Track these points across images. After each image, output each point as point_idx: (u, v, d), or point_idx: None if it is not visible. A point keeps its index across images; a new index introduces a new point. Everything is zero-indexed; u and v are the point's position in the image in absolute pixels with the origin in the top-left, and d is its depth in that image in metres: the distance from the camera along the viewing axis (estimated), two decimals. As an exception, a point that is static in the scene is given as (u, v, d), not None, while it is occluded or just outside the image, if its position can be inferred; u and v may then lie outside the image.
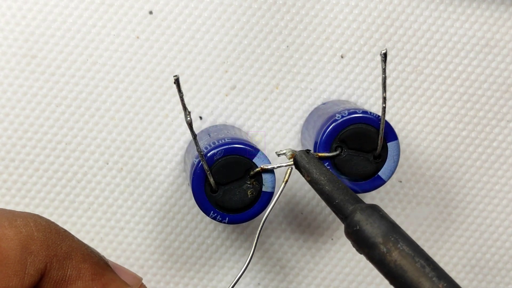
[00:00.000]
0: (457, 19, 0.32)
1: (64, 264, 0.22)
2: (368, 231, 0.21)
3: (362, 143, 0.28)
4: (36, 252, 0.22)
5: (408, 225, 0.34)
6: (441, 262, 0.34)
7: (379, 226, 0.21)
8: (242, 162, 0.27)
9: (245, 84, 0.32)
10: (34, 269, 0.22)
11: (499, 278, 0.34)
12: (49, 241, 0.22)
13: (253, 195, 0.27)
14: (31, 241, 0.22)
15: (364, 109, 0.28)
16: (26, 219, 0.22)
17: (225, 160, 0.26)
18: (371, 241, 0.21)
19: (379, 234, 0.21)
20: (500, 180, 0.34)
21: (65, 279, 0.22)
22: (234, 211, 0.27)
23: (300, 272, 0.34)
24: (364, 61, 0.32)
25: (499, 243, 0.34)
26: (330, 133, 0.27)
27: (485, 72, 0.33)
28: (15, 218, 0.22)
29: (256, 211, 0.27)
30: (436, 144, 0.33)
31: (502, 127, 0.33)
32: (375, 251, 0.20)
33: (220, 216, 0.27)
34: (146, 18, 0.32)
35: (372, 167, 0.28)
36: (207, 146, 0.27)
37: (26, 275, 0.21)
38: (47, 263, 0.22)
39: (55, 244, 0.22)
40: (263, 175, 0.27)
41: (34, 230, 0.22)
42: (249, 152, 0.27)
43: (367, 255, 0.21)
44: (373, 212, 0.21)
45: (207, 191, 0.26)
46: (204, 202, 0.27)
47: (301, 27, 0.32)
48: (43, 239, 0.22)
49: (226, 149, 0.26)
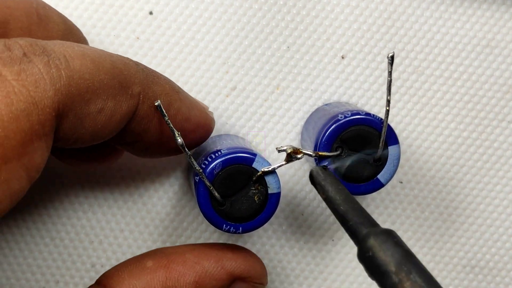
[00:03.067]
0: (458, 19, 0.32)
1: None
2: (381, 258, 0.20)
3: (363, 145, 0.27)
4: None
5: (409, 225, 0.34)
6: (441, 262, 0.34)
7: (393, 254, 0.20)
8: (242, 170, 0.26)
9: (245, 85, 0.32)
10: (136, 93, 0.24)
11: (499, 278, 0.34)
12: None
13: (260, 199, 0.27)
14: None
15: (366, 111, 0.28)
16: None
17: (225, 171, 0.26)
18: (383, 269, 0.20)
19: (392, 262, 0.20)
20: (501, 180, 0.34)
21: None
22: (246, 219, 0.27)
23: (301, 273, 0.34)
24: (365, 62, 0.32)
25: (499, 243, 0.34)
26: (331, 133, 0.27)
27: (486, 72, 0.33)
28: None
29: (267, 215, 0.27)
30: (437, 145, 0.33)
31: (503, 127, 0.33)
32: (387, 280, 0.20)
33: (233, 227, 0.27)
34: (147, 19, 0.31)
35: (372, 169, 0.28)
36: (205, 162, 0.27)
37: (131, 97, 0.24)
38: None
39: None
40: (266, 177, 0.27)
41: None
42: (247, 159, 0.26)
43: (379, 283, 0.20)
44: (387, 238, 0.21)
45: (215, 206, 0.26)
46: (214, 217, 0.26)
47: (302, 27, 0.32)
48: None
49: (224, 161, 0.26)
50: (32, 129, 0.20)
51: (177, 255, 0.27)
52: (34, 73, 0.20)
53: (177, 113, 0.26)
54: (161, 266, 0.26)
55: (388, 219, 0.34)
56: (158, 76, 0.25)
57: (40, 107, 0.20)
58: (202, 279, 0.26)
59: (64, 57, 0.21)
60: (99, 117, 0.22)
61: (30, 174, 0.20)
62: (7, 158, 0.19)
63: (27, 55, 0.20)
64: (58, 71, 0.21)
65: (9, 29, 0.24)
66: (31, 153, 0.20)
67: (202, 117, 0.27)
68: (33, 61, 0.20)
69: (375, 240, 0.21)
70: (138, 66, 0.24)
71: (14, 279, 0.32)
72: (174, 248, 0.28)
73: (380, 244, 0.21)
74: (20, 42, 0.21)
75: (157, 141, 0.26)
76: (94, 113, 0.22)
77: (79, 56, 0.22)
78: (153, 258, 0.27)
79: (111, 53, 0.24)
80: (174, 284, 0.26)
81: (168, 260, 0.27)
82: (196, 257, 0.27)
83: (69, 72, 0.21)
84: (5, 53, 0.20)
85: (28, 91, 0.20)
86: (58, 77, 0.20)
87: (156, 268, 0.26)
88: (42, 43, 0.21)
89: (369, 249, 0.21)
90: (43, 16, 0.25)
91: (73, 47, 0.22)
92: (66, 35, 0.26)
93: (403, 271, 0.20)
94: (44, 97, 0.20)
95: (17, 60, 0.20)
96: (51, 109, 0.20)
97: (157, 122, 0.25)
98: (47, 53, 0.21)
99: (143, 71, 0.24)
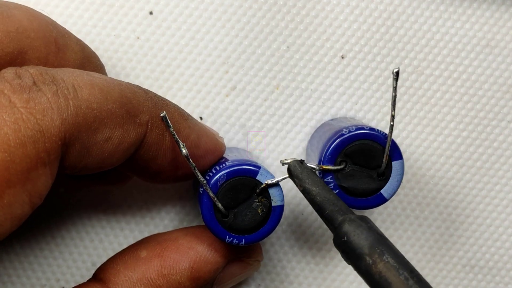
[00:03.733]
0: (457, 19, 0.32)
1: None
2: (355, 242, 0.21)
3: (367, 160, 0.28)
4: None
5: (409, 225, 0.34)
6: (441, 261, 0.34)
7: (366, 237, 0.21)
8: (246, 182, 0.27)
9: (245, 84, 0.32)
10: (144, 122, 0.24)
11: (498, 278, 0.34)
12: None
13: (263, 211, 0.27)
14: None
15: (371, 127, 0.28)
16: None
17: (229, 184, 0.26)
18: (357, 252, 0.21)
19: (365, 245, 0.21)
20: (501, 180, 0.34)
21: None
22: (249, 231, 0.27)
23: (301, 273, 0.34)
24: (365, 62, 0.32)
25: (499, 243, 0.34)
26: (336, 147, 0.28)
27: (485, 72, 0.33)
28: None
29: (270, 227, 0.27)
30: (437, 144, 0.33)
31: (503, 127, 0.33)
32: (361, 262, 0.21)
33: (236, 239, 0.27)
34: (147, 19, 0.32)
35: (375, 184, 0.28)
36: (209, 174, 0.27)
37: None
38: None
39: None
40: (270, 190, 0.27)
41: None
42: (252, 171, 0.27)
43: (354, 266, 0.21)
44: (361, 223, 0.22)
45: (218, 217, 0.26)
46: (217, 229, 0.27)
47: (302, 27, 0.32)
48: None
49: (228, 173, 0.26)
50: (37, 156, 0.20)
51: (170, 242, 0.27)
52: (43, 102, 0.20)
53: (186, 140, 0.26)
54: (155, 255, 0.26)
55: (388, 219, 0.34)
56: (167, 104, 0.26)
57: (46, 135, 0.20)
58: (197, 264, 0.27)
59: (73, 87, 0.22)
60: (106, 145, 0.23)
61: (32, 200, 0.21)
62: (12, 183, 0.20)
63: (37, 83, 0.21)
64: (66, 101, 0.21)
65: (26, 59, 0.24)
66: (35, 179, 0.20)
67: (211, 144, 0.27)
68: (42, 90, 0.21)
69: (349, 226, 0.22)
70: (147, 94, 0.25)
71: (15, 277, 0.32)
72: (167, 234, 0.28)
73: (354, 229, 0.22)
74: (30, 71, 0.21)
75: (167, 168, 0.26)
76: (101, 142, 0.22)
77: (87, 86, 0.22)
78: (147, 247, 0.27)
79: (120, 81, 0.24)
80: (170, 272, 0.26)
81: (161, 248, 0.27)
82: (189, 242, 0.27)
83: (77, 102, 0.21)
84: (16, 81, 0.20)
85: (36, 119, 0.20)
86: (66, 107, 0.21)
87: (150, 257, 0.26)
88: (52, 72, 0.22)
89: (344, 234, 0.22)
90: (61, 45, 0.25)
91: (82, 76, 0.22)
92: (83, 63, 0.27)
93: (376, 253, 0.21)
94: (51, 126, 0.20)
95: (27, 88, 0.20)
96: (57, 138, 0.21)
97: (166, 150, 0.25)
98: (56, 82, 0.21)
99: (151, 99, 0.25)
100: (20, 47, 0.24)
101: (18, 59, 0.24)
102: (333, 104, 0.33)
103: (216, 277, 0.28)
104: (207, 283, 0.27)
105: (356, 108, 0.33)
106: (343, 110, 0.33)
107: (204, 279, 0.27)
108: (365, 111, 0.33)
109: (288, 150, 0.33)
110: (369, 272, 0.21)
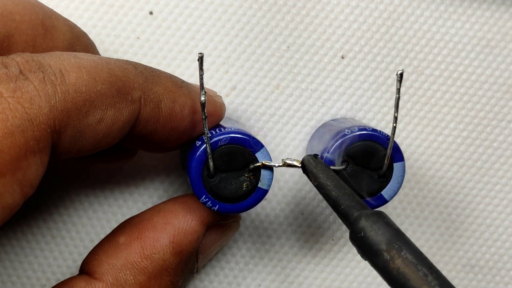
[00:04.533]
0: (457, 19, 0.32)
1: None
2: (372, 238, 0.21)
3: (368, 161, 0.28)
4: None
5: (409, 225, 0.34)
6: (441, 261, 0.34)
7: (384, 233, 0.21)
8: (244, 153, 0.26)
9: (245, 84, 0.32)
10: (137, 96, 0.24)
11: (498, 277, 0.34)
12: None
13: (248, 188, 0.27)
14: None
15: (373, 128, 0.28)
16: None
17: (228, 148, 0.26)
18: (374, 248, 0.21)
19: (383, 241, 0.21)
20: (501, 180, 0.34)
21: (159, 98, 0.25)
22: (226, 200, 0.27)
23: (301, 273, 0.34)
24: (365, 62, 0.32)
25: (499, 243, 0.34)
26: (338, 147, 0.28)
27: (485, 72, 0.33)
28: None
29: (247, 205, 0.27)
30: (437, 144, 0.33)
31: (503, 127, 0.33)
32: (379, 258, 0.20)
33: (211, 202, 0.27)
34: (147, 19, 0.32)
35: (376, 185, 0.28)
36: (212, 132, 0.27)
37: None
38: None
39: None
40: (262, 171, 0.27)
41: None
42: (254, 146, 0.27)
43: (371, 262, 0.21)
44: (378, 219, 0.21)
45: (204, 175, 0.26)
46: (199, 185, 0.26)
47: (302, 27, 0.32)
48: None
49: (232, 138, 0.26)
50: (26, 145, 0.20)
51: (145, 222, 0.27)
52: (30, 90, 0.20)
53: (183, 108, 0.26)
54: (134, 238, 0.26)
55: (388, 219, 0.34)
56: (158, 75, 0.25)
57: (35, 123, 0.20)
58: (177, 237, 0.26)
59: (60, 72, 0.21)
60: (99, 127, 0.23)
61: (24, 189, 0.20)
62: (1, 173, 0.19)
63: (23, 72, 0.21)
64: (54, 87, 0.21)
65: (14, 43, 0.24)
66: (25, 168, 0.20)
67: (210, 107, 0.27)
68: (28, 78, 0.21)
69: (366, 221, 0.21)
70: (137, 69, 0.24)
71: (16, 277, 0.32)
72: (141, 216, 0.28)
73: (371, 225, 0.21)
74: (16, 59, 0.21)
75: (169, 138, 0.26)
76: (93, 124, 0.22)
77: (75, 69, 0.22)
78: (124, 232, 0.27)
79: (108, 60, 0.24)
80: (152, 251, 0.26)
81: (138, 230, 0.27)
82: (164, 218, 0.27)
83: (65, 87, 0.21)
84: (2, 71, 0.20)
85: (24, 108, 0.20)
86: (53, 94, 0.21)
87: (129, 241, 0.26)
88: (39, 58, 0.21)
89: (361, 230, 0.21)
90: (48, 26, 0.25)
91: (69, 59, 0.22)
92: (72, 43, 0.26)
93: (394, 248, 0.20)
94: (39, 114, 0.20)
95: (14, 77, 0.20)
96: (46, 126, 0.21)
97: (164, 122, 0.25)
98: (43, 69, 0.21)
99: (142, 74, 0.24)
100: (5, 31, 0.24)
101: (4, 43, 0.24)
102: (333, 104, 0.33)
103: (198, 247, 0.28)
104: (192, 254, 0.27)
105: (356, 108, 0.33)
106: (343, 110, 0.33)
107: (187, 251, 0.27)
108: (365, 111, 0.33)
109: (288, 150, 0.33)
110: (387, 268, 0.20)
